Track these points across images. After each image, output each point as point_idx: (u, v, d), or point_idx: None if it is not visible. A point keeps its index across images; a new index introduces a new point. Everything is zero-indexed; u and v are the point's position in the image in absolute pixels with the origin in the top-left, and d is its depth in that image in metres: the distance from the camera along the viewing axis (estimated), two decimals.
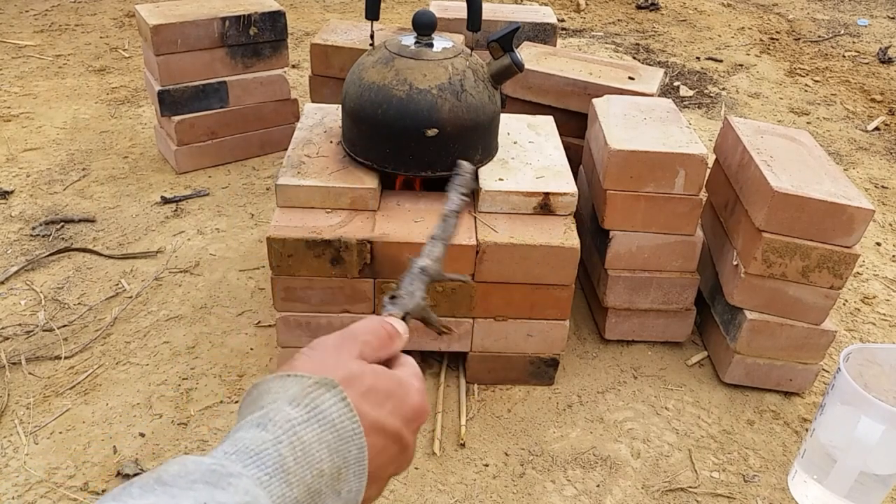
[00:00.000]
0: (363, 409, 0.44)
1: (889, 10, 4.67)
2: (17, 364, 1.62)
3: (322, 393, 0.43)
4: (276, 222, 1.44)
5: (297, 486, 0.40)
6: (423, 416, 0.48)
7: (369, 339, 0.49)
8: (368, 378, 0.45)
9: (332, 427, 0.42)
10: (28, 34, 3.45)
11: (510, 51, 1.44)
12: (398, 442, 0.46)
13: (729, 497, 1.42)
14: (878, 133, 3.04)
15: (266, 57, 2.39)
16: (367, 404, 0.44)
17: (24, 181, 2.31)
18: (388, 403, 0.46)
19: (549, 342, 1.57)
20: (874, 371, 1.36)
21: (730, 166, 1.69)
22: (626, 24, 4.20)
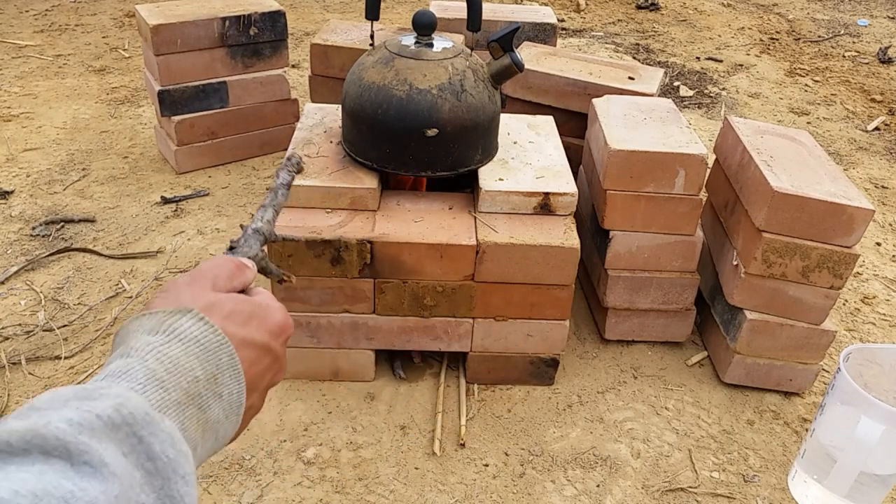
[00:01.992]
0: (229, 330, 0.47)
1: (889, 10, 4.67)
2: (17, 364, 1.62)
3: (178, 318, 0.45)
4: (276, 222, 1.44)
5: (174, 391, 0.42)
6: (287, 330, 0.54)
7: (219, 273, 0.52)
8: (228, 304, 0.49)
9: (196, 342, 0.45)
10: (28, 34, 3.45)
11: (510, 51, 1.44)
12: (269, 353, 0.51)
13: (729, 497, 1.42)
14: (878, 133, 3.04)
15: (266, 57, 2.39)
16: (232, 325, 0.48)
17: (24, 181, 2.31)
18: (251, 322, 0.50)
19: (549, 342, 1.57)
20: (874, 371, 1.36)
21: (730, 166, 1.69)
22: (626, 24, 4.20)
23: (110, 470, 0.34)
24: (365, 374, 1.60)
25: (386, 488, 1.39)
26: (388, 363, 1.66)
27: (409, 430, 1.51)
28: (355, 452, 1.45)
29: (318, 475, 1.40)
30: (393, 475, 1.41)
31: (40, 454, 0.33)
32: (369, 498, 1.37)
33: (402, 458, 1.45)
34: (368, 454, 1.45)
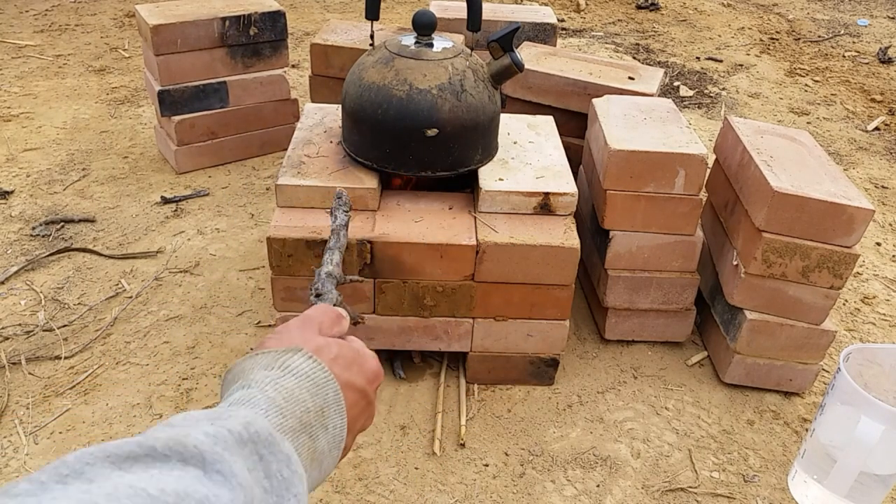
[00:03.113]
0: (335, 371, 0.52)
1: (889, 10, 4.67)
2: (17, 364, 1.62)
3: (291, 356, 0.50)
4: (276, 222, 1.44)
5: (291, 418, 0.46)
6: (380, 378, 0.58)
7: (324, 319, 0.58)
8: (335, 348, 0.54)
9: (307, 377, 0.50)
10: (28, 34, 3.45)
11: (510, 51, 1.44)
12: (365, 397, 0.55)
13: (729, 497, 1.42)
14: (878, 133, 3.04)
15: (266, 57, 2.39)
16: (338, 367, 0.52)
17: (24, 181, 2.31)
18: (353, 367, 0.54)
19: (549, 342, 1.57)
20: (874, 371, 1.36)
21: (730, 166, 1.69)
22: (626, 24, 4.20)
23: (238, 481, 0.37)
24: None
25: (386, 488, 1.39)
26: (388, 363, 1.66)
27: (409, 430, 1.51)
28: (355, 452, 1.45)
29: None
30: (393, 475, 1.41)
31: (178, 461, 0.36)
32: (369, 498, 1.37)
33: (402, 458, 1.45)
34: (368, 454, 1.45)
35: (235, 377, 0.50)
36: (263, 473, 0.41)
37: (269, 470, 0.41)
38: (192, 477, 0.36)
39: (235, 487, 0.37)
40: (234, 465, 0.38)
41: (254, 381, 0.48)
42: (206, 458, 0.37)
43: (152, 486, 0.33)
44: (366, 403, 0.55)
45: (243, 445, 0.40)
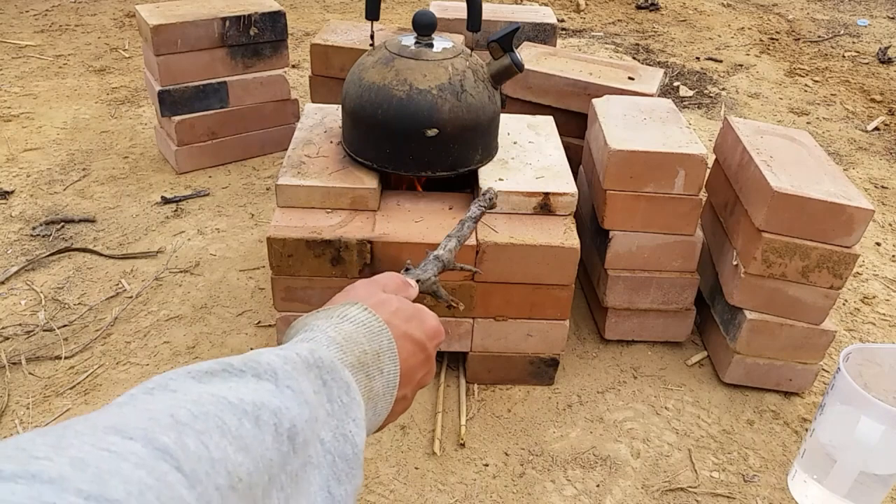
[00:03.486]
0: (393, 322, 0.55)
1: (889, 10, 4.67)
2: (18, 364, 1.62)
3: (347, 307, 0.54)
4: (276, 222, 1.44)
5: (349, 355, 0.50)
6: (440, 335, 0.61)
7: (388, 283, 0.63)
8: (395, 302, 0.58)
9: (363, 324, 0.53)
10: (28, 34, 3.45)
11: (510, 51, 1.44)
12: (423, 350, 0.58)
13: (729, 497, 1.42)
14: (878, 133, 3.04)
15: (266, 57, 2.39)
16: (396, 319, 0.56)
17: (25, 181, 2.31)
18: (413, 321, 0.57)
19: (549, 342, 1.57)
20: (874, 371, 1.36)
21: (730, 166, 1.69)
22: (626, 24, 4.20)
23: (305, 398, 0.40)
24: None
25: (386, 488, 1.39)
26: None
27: (409, 430, 1.51)
28: None
29: None
30: (393, 475, 1.42)
31: (253, 376, 0.39)
32: (369, 498, 1.37)
33: (402, 457, 1.45)
34: (368, 454, 1.45)
35: (297, 330, 0.53)
36: (326, 397, 0.44)
37: (331, 394, 0.44)
38: (266, 390, 0.38)
39: (303, 403, 0.40)
40: (302, 384, 0.41)
41: (314, 327, 0.52)
42: (279, 374, 0.40)
43: (232, 395, 0.36)
44: (425, 357, 0.58)
45: (309, 369, 0.43)
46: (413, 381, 0.57)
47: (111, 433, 0.30)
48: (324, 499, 0.41)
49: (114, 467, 0.28)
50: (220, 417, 0.34)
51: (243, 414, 0.36)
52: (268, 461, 0.35)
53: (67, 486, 0.26)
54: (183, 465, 0.30)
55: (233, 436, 0.34)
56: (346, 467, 0.43)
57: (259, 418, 0.36)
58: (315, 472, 0.40)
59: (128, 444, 0.30)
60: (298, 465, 0.39)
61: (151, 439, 0.31)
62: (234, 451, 0.33)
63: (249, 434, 0.35)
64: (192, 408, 0.34)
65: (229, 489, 0.32)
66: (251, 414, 0.36)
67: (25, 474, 0.26)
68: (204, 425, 0.33)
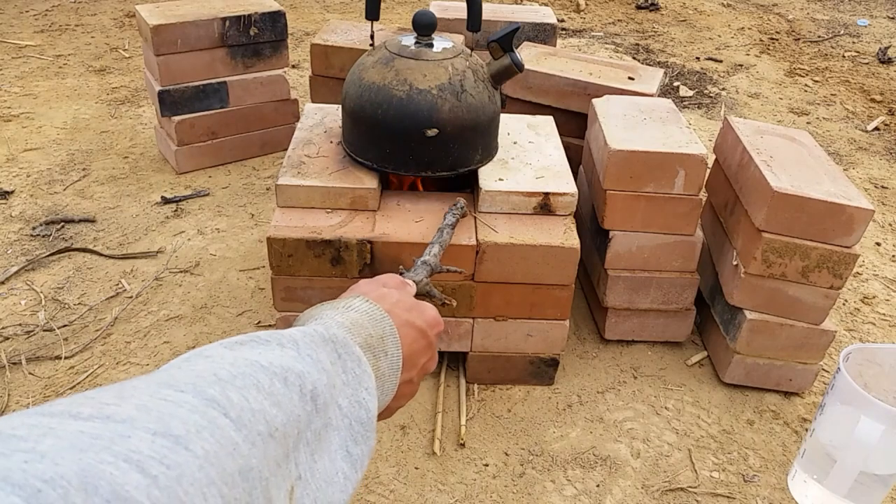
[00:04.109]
0: (395, 312, 0.59)
1: (889, 10, 4.67)
2: (18, 364, 1.62)
3: (352, 300, 0.59)
4: (276, 222, 1.44)
5: (358, 336, 0.54)
6: (440, 325, 0.65)
7: (388, 281, 0.68)
8: (395, 294, 0.62)
9: (366, 313, 0.57)
10: (28, 34, 3.45)
11: (510, 51, 1.44)
12: (425, 336, 0.62)
13: (729, 497, 1.42)
14: (878, 133, 3.04)
15: (266, 57, 2.39)
16: (398, 309, 0.60)
17: (25, 181, 2.31)
18: (413, 311, 0.62)
19: (549, 342, 1.57)
20: (874, 371, 1.36)
21: (729, 166, 1.69)
22: (626, 24, 4.20)
23: (323, 366, 0.44)
24: None
25: (386, 488, 1.39)
26: None
27: (409, 430, 1.51)
28: None
29: None
30: (393, 475, 1.42)
31: (277, 345, 0.43)
32: (369, 498, 1.37)
33: (402, 457, 1.45)
34: None
35: (305, 320, 0.57)
36: (341, 368, 0.47)
37: (345, 366, 0.48)
38: (290, 356, 0.43)
39: (321, 370, 0.44)
40: (320, 354, 0.45)
41: (322, 315, 0.56)
42: (300, 343, 0.45)
43: (263, 359, 0.40)
44: (426, 343, 0.62)
45: (325, 343, 0.47)
46: (417, 366, 0.61)
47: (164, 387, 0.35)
48: (342, 457, 0.45)
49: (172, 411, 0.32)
50: (255, 377, 0.38)
51: (273, 375, 0.39)
52: (296, 417, 0.39)
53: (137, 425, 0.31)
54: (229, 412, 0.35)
55: (267, 392, 0.38)
56: (362, 430, 0.47)
57: (287, 379, 0.40)
58: (335, 434, 0.45)
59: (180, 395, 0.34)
60: (321, 424, 0.43)
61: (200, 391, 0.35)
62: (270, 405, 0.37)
63: (280, 392, 0.39)
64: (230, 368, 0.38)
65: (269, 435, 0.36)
66: (280, 375, 0.40)
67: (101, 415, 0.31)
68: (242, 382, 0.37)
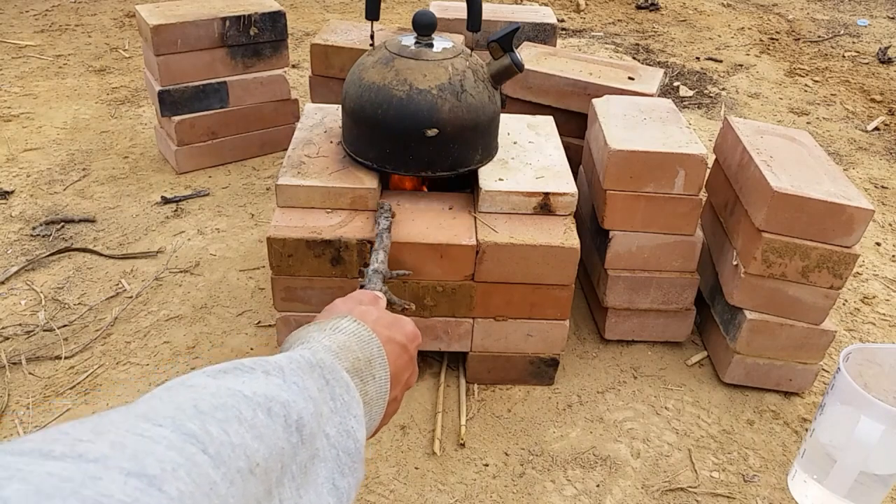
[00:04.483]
0: (377, 329, 0.59)
1: (889, 10, 4.67)
2: (18, 364, 1.62)
3: (339, 321, 0.58)
4: (276, 222, 1.44)
5: (345, 360, 0.53)
6: (418, 338, 0.66)
7: (362, 298, 0.71)
8: (375, 312, 0.63)
9: (353, 334, 0.57)
10: (28, 34, 3.45)
11: (510, 51, 1.44)
12: (406, 351, 0.62)
13: (729, 497, 1.42)
14: (878, 133, 3.04)
15: (266, 57, 2.39)
16: (380, 326, 0.60)
17: (25, 181, 2.31)
18: (393, 327, 0.62)
19: (549, 342, 1.57)
20: (874, 371, 1.36)
21: (729, 166, 1.69)
22: (626, 24, 4.20)
23: (310, 394, 0.43)
24: None
25: (386, 488, 1.39)
26: None
27: (409, 430, 1.51)
28: None
29: None
30: (393, 475, 1.42)
31: (262, 373, 0.42)
32: (369, 498, 1.37)
33: (402, 457, 1.45)
34: (368, 454, 1.45)
35: (292, 343, 0.56)
36: (329, 395, 0.47)
37: (333, 392, 0.47)
38: (275, 384, 0.41)
39: (308, 399, 0.42)
40: (307, 381, 0.44)
41: (310, 339, 0.55)
42: (286, 371, 0.43)
43: (246, 389, 0.39)
44: (408, 358, 0.62)
45: (312, 369, 0.46)
46: (401, 383, 0.61)
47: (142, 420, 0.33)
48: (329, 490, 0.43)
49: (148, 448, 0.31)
50: (237, 408, 0.37)
51: (257, 405, 0.38)
52: (280, 450, 0.38)
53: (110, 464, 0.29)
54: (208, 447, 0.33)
55: (249, 424, 0.37)
56: (350, 461, 0.46)
57: (271, 409, 0.39)
58: (321, 465, 0.43)
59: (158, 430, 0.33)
60: (307, 456, 0.41)
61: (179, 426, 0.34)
62: (251, 439, 0.36)
63: (263, 423, 0.38)
64: (212, 399, 0.37)
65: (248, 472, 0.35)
66: (263, 405, 0.39)
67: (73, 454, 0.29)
68: (224, 414, 0.36)
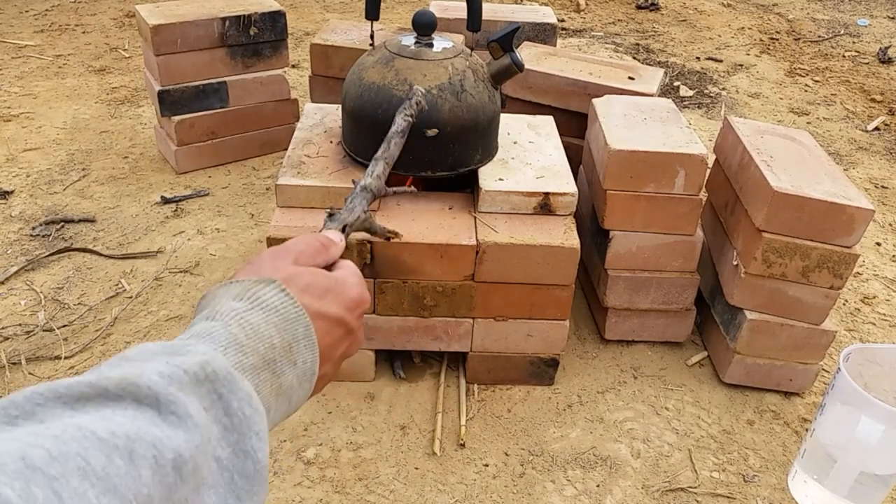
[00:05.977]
0: (305, 301, 0.51)
1: (889, 10, 4.67)
2: (17, 364, 1.62)
3: (262, 287, 0.49)
4: (276, 222, 1.44)
5: (252, 356, 0.46)
6: (363, 304, 0.57)
7: (302, 249, 0.57)
8: (306, 277, 0.53)
9: (276, 312, 0.49)
10: (28, 34, 3.45)
11: (510, 51, 1.44)
12: (342, 325, 0.54)
13: (729, 497, 1.42)
14: (878, 133, 3.04)
15: (266, 57, 2.39)
16: (308, 297, 0.51)
17: (24, 181, 2.31)
18: (328, 295, 0.53)
19: (549, 342, 1.57)
20: (874, 371, 1.36)
21: (730, 166, 1.69)
22: (626, 24, 4.20)
23: (194, 422, 0.37)
24: (365, 374, 1.60)
25: (386, 488, 1.39)
26: (388, 363, 1.66)
27: (409, 430, 1.51)
28: (355, 452, 1.46)
29: (318, 475, 1.40)
30: (393, 475, 1.41)
31: (132, 401, 0.36)
32: (369, 498, 1.37)
33: (402, 458, 1.45)
34: (368, 454, 1.45)
35: (204, 305, 0.50)
36: (223, 411, 0.41)
37: (229, 408, 0.41)
38: (146, 418, 0.36)
39: (191, 428, 0.37)
40: (190, 406, 0.38)
41: (219, 314, 0.47)
42: (161, 398, 0.37)
43: (102, 429, 0.33)
44: (344, 331, 0.54)
45: (199, 385, 0.40)
46: (333, 358, 0.54)
47: None
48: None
49: None
50: (84, 457, 0.31)
51: (113, 450, 0.33)
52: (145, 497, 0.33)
53: None
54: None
55: (97, 477, 0.31)
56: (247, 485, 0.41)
57: (133, 452, 0.34)
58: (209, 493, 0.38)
59: None
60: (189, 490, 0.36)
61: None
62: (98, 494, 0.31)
63: (120, 472, 0.32)
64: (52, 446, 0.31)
65: None
66: (123, 449, 0.33)
67: None
68: (61, 469, 0.30)
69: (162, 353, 0.41)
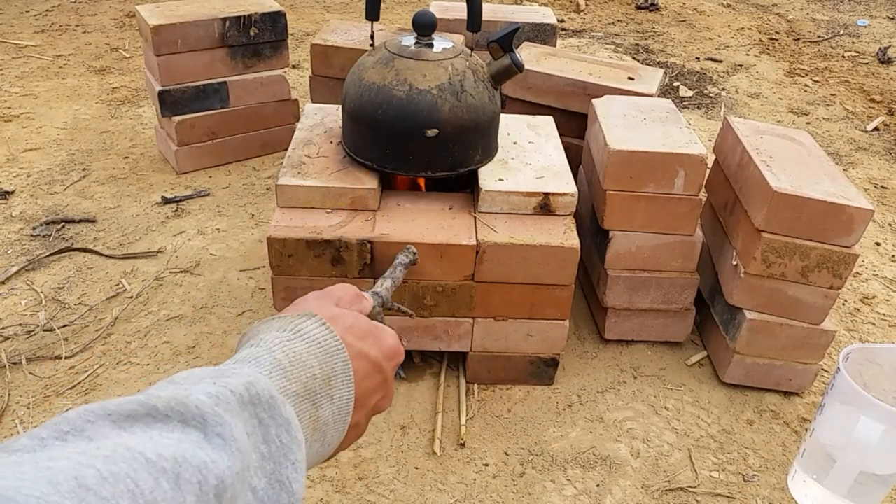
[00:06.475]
0: (347, 340, 0.51)
1: (889, 11, 4.67)
2: (18, 364, 1.62)
3: (304, 321, 0.50)
4: (277, 222, 1.45)
5: (294, 382, 0.46)
6: (399, 356, 0.56)
7: (342, 295, 0.59)
8: (350, 317, 0.54)
9: (317, 343, 0.49)
10: (28, 34, 3.45)
11: (510, 51, 1.44)
12: (380, 371, 0.54)
13: (729, 497, 1.43)
14: (878, 133, 3.04)
15: (266, 57, 2.39)
16: (350, 336, 0.52)
17: (25, 181, 2.31)
18: (368, 338, 0.54)
19: (549, 342, 1.57)
20: (874, 371, 1.36)
21: (729, 166, 1.70)
22: (626, 24, 4.20)
23: (237, 446, 0.37)
24: None
25: (386, 488, 1.39)
26: None
27: (409, 430, 1.52)
28: (355, 452, 1.46)
29: (318, 475, 1.40)
30: (393, 475, 1.42)
31: (179, 422, 0.36)
32: (369, 497, 1.37)
33: (402, 457, 1.45)
34: (368, 454, 1.46)
35: (249, 338, 0.50)
36: (262, 438, 0.40)
37: (267, 435, 0.41)
38: (192, 440, 0.36)
39: (234, 453, 0.37)
40: (235, 429, 0.38)
41: (263, 341, 0.48)
42: (208, 419, 0.37)
43: (150, 450, 0.33)
44: (381, 379, 0.54)
45: (244, 407, 0.40)
46: (367, 406, 0.53)
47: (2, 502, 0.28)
48: None
49: None
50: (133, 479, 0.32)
51: (161, 473, 0.33)
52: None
53: None
54: None
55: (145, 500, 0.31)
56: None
57: (180, 477, 0.33)
58: None
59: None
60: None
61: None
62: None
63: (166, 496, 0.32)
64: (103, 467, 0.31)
65: None
66: (171, 472, 0.33)
67: None
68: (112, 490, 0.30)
69: (209, 376, 0.41)
